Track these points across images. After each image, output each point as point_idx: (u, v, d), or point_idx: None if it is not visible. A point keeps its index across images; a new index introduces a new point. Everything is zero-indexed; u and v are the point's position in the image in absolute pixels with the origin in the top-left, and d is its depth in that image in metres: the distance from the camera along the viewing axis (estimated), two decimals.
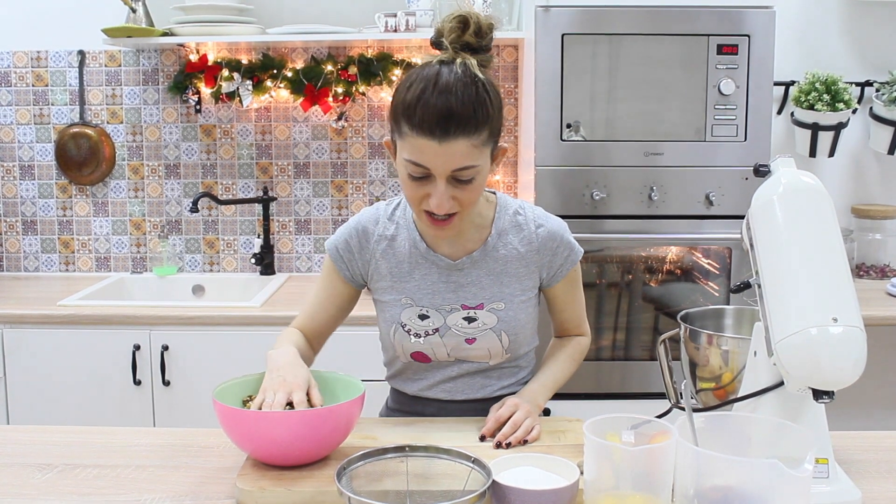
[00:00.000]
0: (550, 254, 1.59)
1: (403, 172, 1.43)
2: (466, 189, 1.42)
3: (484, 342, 1.58)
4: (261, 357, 2.57)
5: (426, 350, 1.59)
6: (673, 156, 2.59)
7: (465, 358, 1.60)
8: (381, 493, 1.19)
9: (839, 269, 1.21)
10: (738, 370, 1.37)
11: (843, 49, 3.07)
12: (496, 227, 1.58)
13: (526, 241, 1.58)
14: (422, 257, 1.58)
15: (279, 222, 3.20)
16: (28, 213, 3.22)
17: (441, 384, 1.63)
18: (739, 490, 1.04)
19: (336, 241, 1.63)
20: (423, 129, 1.36)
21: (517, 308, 1.58)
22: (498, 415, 1.49)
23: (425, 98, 1.36)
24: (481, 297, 1.57)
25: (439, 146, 1.37)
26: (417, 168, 1.40)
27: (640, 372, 2.69)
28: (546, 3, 2.52)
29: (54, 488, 1.32)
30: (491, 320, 1.57)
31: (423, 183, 1.42)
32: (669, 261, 2.74)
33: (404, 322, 1.58)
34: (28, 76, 3.15)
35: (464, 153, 1.38)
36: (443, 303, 1.57)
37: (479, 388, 1.63)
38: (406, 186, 1.45)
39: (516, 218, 1.60)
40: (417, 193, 1.43)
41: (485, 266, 1.57)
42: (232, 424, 1.32)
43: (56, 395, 2.65)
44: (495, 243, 1.58)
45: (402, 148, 1.42)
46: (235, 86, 3.02)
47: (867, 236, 3.07)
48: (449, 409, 1.65)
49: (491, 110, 1.40)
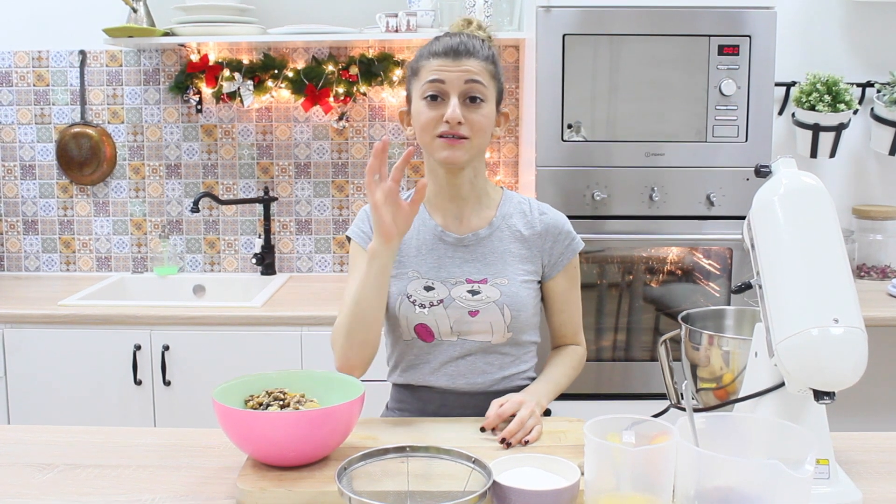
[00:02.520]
0: (552, 240, 1.69)
1: (420, 104, 1.60)
2: (476, 112, 1.58)
3: (486, 315, 1.63)
4: (261, 357, 2.59)
5: (430, 322, 1.64)
6: (674, 156, 2.59)
7: (468, 333, 1.64)
8: (382, 494, 1.19)
9: (840, 270, 1.21)
10: (739, 371, 1.37)
11: (844, 50, 3.07)
12: (501, 210, 1.70)
13: (529, 225, 1.69)
14: (430, 233, 1.69)
15: (280, 222, 3.20)
16: (29, 212, 3.22)
17: (443, 367, 1.66)
18: (740, 491, 1.04)
19: (359, 226, 1.72)
20: (439, 54, 1.59)
21: (519, 286, 1.65)
22: (501, 410, 1.50)
23: (441, 38, 1.63)
24: (485, 273, 1.65)
25: (453, 63, 1.58)
26: (433, 84, 1.58)
27: (640, 372, 2.69)
28: (547, 4, 2.52)
29: (55, 488, 1.32)
30: (494, 294, 1.63)
31: (437, 105, 1.58)
32: (670, 261, 2.74)
33: (410, 293, 1.65)
34: (29, 76, 3.15)
35: (475, 70, 1.58)
36: (448, 276, 1.65)
37: (480, 374, 1.66)
38: (420, 115, 1.60)
39: (521, 206, 1.72)
40: (433, 116, 1.58)
41: (489, 244, 1.67)
42: (232, 425, 1.32)
43: (57, 395, 2.65)
44: (500, 224, 1.69)
45: (419, 82, 1.61)
46: (236, 86, 3.03)
47: (868, 237, 3.06)
48: (451, 403, 1.66)
49: (497, 59, 1.64)
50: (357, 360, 1.59)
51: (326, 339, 2.57)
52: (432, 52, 1.60)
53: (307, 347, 2.60)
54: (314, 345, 2.60)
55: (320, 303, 2.73)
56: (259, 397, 1.44)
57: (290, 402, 1.42)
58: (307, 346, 2.60)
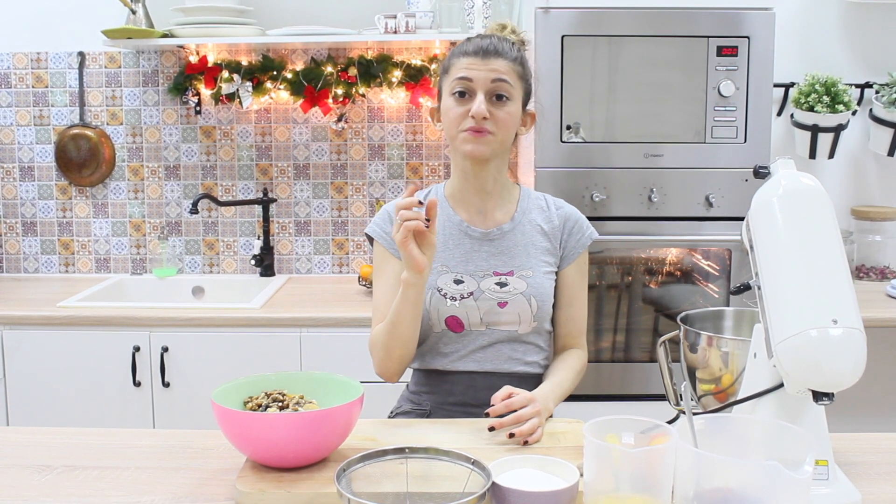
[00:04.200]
0: (568, 232, 1.77)
1: (448, 101, 1.67)
2: (501, 108, 1.65)
3: (514, 306, 1.68)
4: (260, 359, 2.59)
5: (460, 314, 1.68)
6: (673, 157, 2.59)
7: (497, 324, 1.69)
8: (381, 495, 1.19)
9: (839, 271, 1.21)
10: (738, 372, 1.37)
11: (843, 51, 3.07)
12: (521, 206, 1.77)
13: (548, 219, 1.77)
14: (456, 228, 1.75)
15: (279, 224, 3.20)
16: (28, 214, 3.22)
17: (472, 354, 1.71)
18: (739, 492, 1.04)
19: (381, 226, 1.75)
20: (469, 52, 1.66)
21: (543, 277, 1.72)
22: (510, 402, 1.51)
23: (473, 39, 1.70)
24: (511, 265, 1.71)
25: (482, 62, 1.64)
26: (461, 81, 1.64)
27: (639, 374, 2.69)
28: (546, 5, 2.52)
29: (54, 490, 1.31)
30: (521, 285, 1.70)
31: (465, 101, 1.64)
32: (669, 262, 2.74)
33: (440, 286, 1.70)
34: (28, 78, 3.15)
35: (502, 69, 1.65)
36: (476, 269, 1.71)
37: (506, 360, 1.71)
38: (450, 111, 1.66)
39: (538, 202, 1.80)
40: (460, 111, 1.64)
41: (513, 237, 1.73)
42: (231, 426, 1.32)
43: (56, 396, 2.64)
44: (521, 218, 1.75)
45: (449, 79, 1.67)
46: (235, 87, 3.03)
47: (867, 238, 3.07)
48: (478, 384, 1.69)
49: (525, 60, 1.72)
50: (395, 368, 1.68)
51: (325, 341, 2.59)
52: (463, 52, 1.67)
53: (306, 349, 2.60)
54: (313, 346, 2.60)
55: (319, 304, 2.73)
56: (258, 399, 1.44)
57: (289, 403, 1.42)
58: (306, 348, 2.60)
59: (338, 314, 2.60)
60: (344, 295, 2.87)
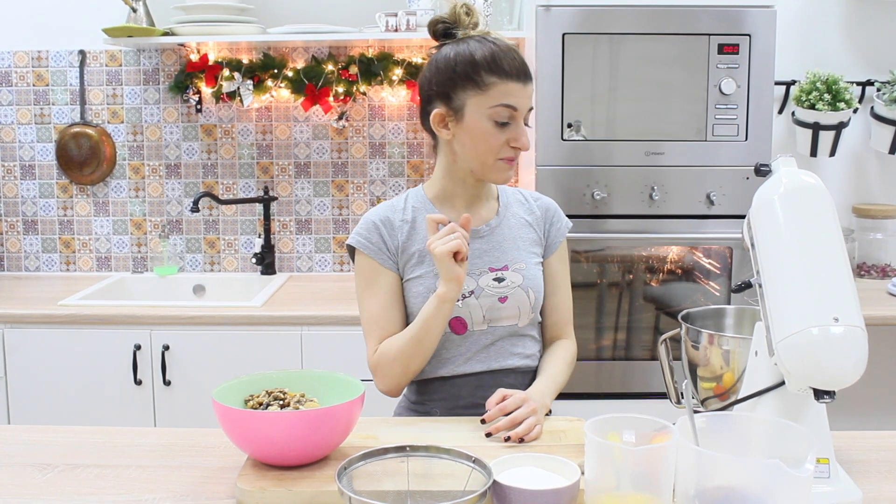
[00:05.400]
0: (550, 221, 1.77)
1: (485, 124, 1.58)
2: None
3: (514, 300, 1.68)
4: (261, 357, 2.59)
5: (464, 314, 1.66)
6: (674, 155, 2.59)
7: (498, 319, 1.68)
8: (382, 494, 1.19)
9: (840, 269, 1.21)
10: (739, 370, 1.37)
11: (844, 48, 3.07)
12: (502, 200, 1.76)
13: (529, 211, 1.77)
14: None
15: (280, 222, 3.20)
16: (29, 212, 3.22)
17: (476, 355, 1.69)
18: (740, 490, 1.03)
19: (366, 237, 1.69)
20: (512, 75, 1.57)
21: (534, 268, 1.72)
22: (503, 405, 1.50)
23: (501, 53, 1.58)
24: (504, 260, 1.70)
25: (524, 88, 1.59)
26: (507, 109, 1.58)
27: (641, 372, 2.69)
28: (547, 3, 2.52)
29: (55, 488, 1.31)
30: (517, 279, 1.69)
31: (504, 129, 1.59)
32: (670, 260, 2.74)
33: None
34: (29, 76, 3.15)
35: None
36: (472, 268, 1.68)
37: (509, 356, 1.70)
38: (488, 137, 1.59)
39: (515, 195, 1.79)
40: (499, 141, 1.59)
41: (501, 232, 1.72)
42: (232, 425, 1.32)
43: (57, 394, 2.65)
44: (505, 212, 1.75)
45: (484, 100, 1.57)
46: (236, 85, 3.02)
47: (868, 236, 3.06)
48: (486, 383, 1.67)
49: None
50: (406, 382, 1.67)
51: (326, 339, 2.59)
52: (506, 74, 1.57)
53: (307, 347, 2.60)
54: (314, 344, 2.60)
55: (320, 302, 2.73)
56: (259, 397, 1.44)
57: (290, 401, 1.42)
58: (307, 346, 2.60)
59: (339, 312, 2.60)
60: (345, 293, 2.86)
